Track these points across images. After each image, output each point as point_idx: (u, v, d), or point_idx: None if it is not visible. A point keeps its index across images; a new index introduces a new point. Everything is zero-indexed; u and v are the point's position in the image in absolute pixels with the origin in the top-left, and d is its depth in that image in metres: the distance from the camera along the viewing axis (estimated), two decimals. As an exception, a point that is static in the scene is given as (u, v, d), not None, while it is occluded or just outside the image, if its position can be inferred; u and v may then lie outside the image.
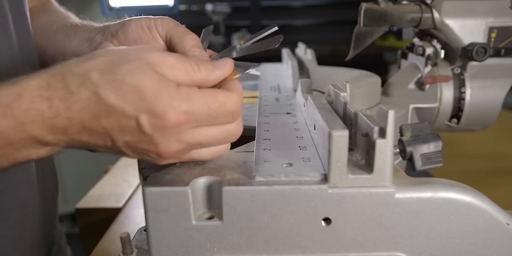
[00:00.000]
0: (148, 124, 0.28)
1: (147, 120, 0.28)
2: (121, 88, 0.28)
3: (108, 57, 0.29)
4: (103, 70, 0.28)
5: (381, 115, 0.29)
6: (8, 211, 0.42)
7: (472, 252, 0.31)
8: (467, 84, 0.61)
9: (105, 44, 0.42)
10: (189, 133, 0.30)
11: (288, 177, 0.30)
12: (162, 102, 0.28)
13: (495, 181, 1.05)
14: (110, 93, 0.28)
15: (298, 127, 0.41)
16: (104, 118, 0.28)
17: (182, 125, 0.29)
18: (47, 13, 0.51)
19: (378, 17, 0.59)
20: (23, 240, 0.45)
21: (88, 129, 0.28)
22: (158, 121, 0.28)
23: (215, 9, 2.56)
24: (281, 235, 0.30)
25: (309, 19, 2.76)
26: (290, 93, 0.57)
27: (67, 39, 0.45)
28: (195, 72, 0.31)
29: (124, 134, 0.29)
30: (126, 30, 0.41)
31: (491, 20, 0.58)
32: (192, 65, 0.31)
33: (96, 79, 0.28)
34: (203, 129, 0.30)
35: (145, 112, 0.28)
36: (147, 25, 0.40)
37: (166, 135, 0.29)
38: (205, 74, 0.31)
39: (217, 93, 0.30)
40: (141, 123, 0.28)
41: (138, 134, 0.29)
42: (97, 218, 0.75)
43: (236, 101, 0.31)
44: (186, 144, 0.30)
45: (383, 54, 2.65)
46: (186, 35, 0.39)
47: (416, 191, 0.30)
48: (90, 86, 0.28)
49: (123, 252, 0.34)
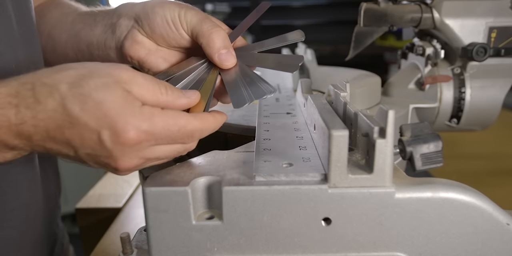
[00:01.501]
0: (109, 140, 0.29)
1: (108, 136, 0.29)
2: (87, 102, 0.28)
3: (79, 70, 0.30)
4: (72, 83, 0.29)
5: (381, 115, 0.29)
6: (11, 211, 0.42)
7: (472, 252, 0.31)
8: (467, 84, 0.61)
9: (134, 33, 0.42)
10: (148, 150, 0.31)
11: (288, 177, 0.30)
12: (124, 120, 0.29)
13: (495, 181, 1.05)
14: (75, 106, 0.28)
15: (298, 127, 0.41)
16: (67, 129, 0.29)
17: (141, 143, 0.30)
18: (58, 6, 0.51)
19: (378, 17, 0.59)
20: (26, 240, 0.44)
21: (52, 138, 0.29)
22: (118, 138, 0.29)
23: (215, 9, 2.56)
24: (281, 235, 0.30)
25: (309, 19, 2.76)
26: (290, 93, 0.57)
27: (88, 28, 0.45)
28: (161, 95, 0.31)
29: (85, 147, 0.29)
30: (152, 23, 0.41)
31: (491, 20, 0.58)
32: (161, 88, 0.32)
33: (64, 90, 0.29)
34: (162, 146, 0.31)
35: (107, 128, 0.29)
36: (172, 20, 0.40)
37: (125, 151, 0.29)
38: (171, 99, 0.32)
39: (179, 116, 0.31)
40: (102, 138, 0.29)
41: (99, 148, 0.29)
42: (97, 218, 0.75)
43: (196, 126, 0.32)
44: (144, 159, 0.31)
45: (383, 54, 2.65)
46: (212, 35, 0.39)
47: (416, 191, 0.30)
48: (57, 97, 0.28)
49: (123, 252, 0.34)
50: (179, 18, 0.40)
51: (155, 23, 0.40)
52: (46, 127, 0.29)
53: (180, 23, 0.40)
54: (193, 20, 0.40)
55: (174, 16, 0.40)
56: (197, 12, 0.40)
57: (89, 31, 0.45)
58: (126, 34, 0.42)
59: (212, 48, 0.39)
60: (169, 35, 0.41)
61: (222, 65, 0.39)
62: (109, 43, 0.44)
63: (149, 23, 0.40)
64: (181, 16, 0.40)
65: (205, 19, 0.40)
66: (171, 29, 0.40)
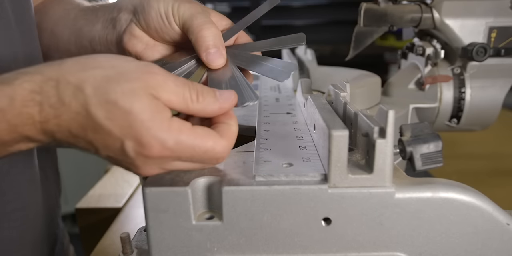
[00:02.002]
0: (132, 151, 0.28)
1: (131, 147, 0.28)
2: (112, 110, 0.27)
3: (106, 71, 0.29)
4: (98, 87, 0.28)
5: (381, 115, 0.29)
6: (11, 212, 0.42)
7: (472, 252, 0.31)
8: (467, 84, 0.61)
9: (132, 27, 0.41)
10: (170, 163, 0.30)
11: (288, 177, 0.30)
12: (150, 134, 0.28)
13: (495, 181, 1.05)
14: (100, 112, 0.27)
15: (298, 127, 0.41)
16: (91, 132, 0.28)
17: (164, 158, 0.29)
18: (61, 3, 0.50)
19: (378, 17, 0.59)
20: (26, 241, 0.44)
21: (75, 136, 0.29)
22: (142, 151, 0.28)
23: (215, 9, 2.55)
24: (281, 235, 0.30)
25: (309, 19, 2.76)
26: (290, 93, 0.57)
27: (90, 24, 0.45)
28: (192, 103, 0.30)
29: (107, 151, 0.29)
30: (147, 17, 0.40)
31: (491, 20, 0.58)
32: (192, 95, 0.30)
33: (88, 94, 0.27)
34: (185, 162, 0.31)
35: (131, 140, 0.28)
36: (166, 13, 0.39)
37: (147, 162, 0.29)
38: (203, 106, 0.31)
39: (208, 137, 0.30)
40: (125, 148, 0.28)
41: (121, 155, 0.29)
42: (97, 218, 0.75)
43: (224, 148, 0.30)
44: (166, 170, 0.31)
45: (383, 54, 2.65)
46: (201, 31, 0.38)
47: (416, 191, 0.30)
48: (82, 100, 0.27)
49: (123, 252, 0.34)
50: (172, 11, 0.39)
51: (150, 17, 0.39)
52: (69, 127, 0.28)
53: (172, 16, 0.39)
54: (185, 14, 0.39)
55: (168, 9, 0.39)
56: (191, 5, 0.39)
57: (91, 27, 0.45)
58: (125, 28, 0.42)
59: (200, 46, 0.38)
60: (162, 29, 0.40)
61: (210, 65, 0.38)
62: (111, 38, 0.43)
63: (145, 17, 0.40)
64: (174, 9, 0.39)
65: (198, 14, 0.38)
66: (164, 23, 0.39)
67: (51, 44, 0.49)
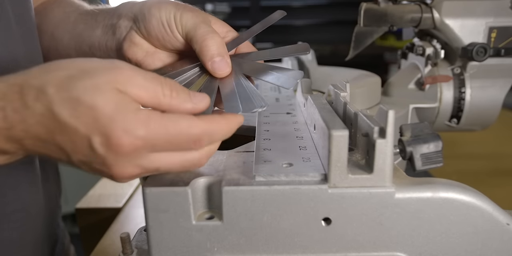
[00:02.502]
0: (101, 147, 0.27)
1: (99, 143, 0.27)
2: (75, 107, 0.26)
3: (69, 71, 0.28)
4: (60, 85, 0.27)
5: (381, 115, 0.29)
6: (11, 213, 0.42)
7: (472, 252, 0.31)
8: (467, 84, 0.61)
9: (132, 34, 0.41)
10: (146, 158, 0.28)
11: (288, 177, 0.30)
12: (116, 126, 0.26)
13: (495, 181, 1.05)
14: (64, 111, 0.26)
15: (298, 127, 0.41)
16: (58, 134, 0.27)
17: (137, 150, 0.27)
18: (61, 5, 0.50)
19: (378, 17, 0.59)
20: (26, 241, 0.44)
21: (43, 142, 0.28)
22: (111, 145, 0.27)
23: (215, 9, 2.56)
24: (281, 235, 0.30)
25: (309, 19, 2.76)
26: (290, 93, 0.57)
27: (89, 29, 0.45)
28: (164, 97, 0.29)
29: (78, 153, 0.28)
30: (148, 25, 0.39)
31: (491, 20, 0.58)
32: (164, 90, 0.29)
33: (51, 94, 0.26)
34: (162, 154, 0.28)
35: (98, 135, 0.26)
36: (168, 22, 0.39)
37: (120, 158, 0.27)
38: (177, 102, 0.29)
39: (181, 118, 0.28)
40: (94, 145, 0.27)
41: (91, 155, 0.27)
42: (97, 218, 0.75)
43: (203, 130, 0.28)
44: (142, 168, 0.28)
45: (383, 54, 2.65)
46: (205, 41, 0.37)
47: (416, 191, 0.30)
48: (44, 101, 0.27)
49: (123, 252, 0.34)
50: (174, 20, 0.39)
51: (151, 25, 0.39)
52: (36, 132, 0.27)
53: (175, 25, 0.39)
54: (188, 24, 0.38)
55: (170, 18, 0.39)
56: (194, 14, 0.39)
57: (90, 32, 0.44)
58: (125, 36, 0.41)
59: (205, 56, 0.37)
60: (164, 37, 0.40)
61: (215, 74, 0.38)
62: (110, 44, 0.43)
63: (145, 25, 0.40)
64: (176, 19, 0.39)
65: (201, 24, 0.38)
66: (166, 32, 0.39)
67: (51, 47, 0.48)
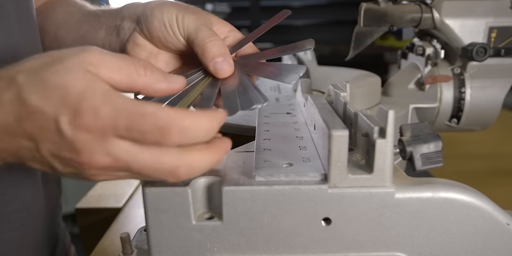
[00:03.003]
0: (68, 126, 0.26)
1: (66, 122, 0.26)
2: (44, 88, 0.26)
3: (42, 59, 0.27)
4: (30, 72, 0.27)
5: (381, 115, 0.29)
6: (11, 213, 0.42)
7: (472, 252, 0.31)
8: (467, 84, 0.61)
9: (135, 36, 0.41)
10: (113, 144, 0.26)
11: (288, 177, 0.30)
12: (84, 103, 0.25)
13: (495, 181, 1.05)
14: (32, 93, 0.26)
15: (298, 127, 0.41)
16: (26, 120, 0.26)
17: (102, 130, 0.26)
18: (63, 5, 0.50)
19: (378, 17, 0.59)
20: (27, 241, 0.44)
21: (11, 133, 0.27)
22: (76, 123, 0.26)
23: (215, 9, 2.56)
24: (281, 235, 0.30)
25: (309, 19, 2.76)
26: (290, 93, 0.57)
27: (93, 31, 0.45)
28: (139, 76, 0.28)
29: (46, 140, 0.26)
30: (150, 27, 0.40)
31: (491, 20, 0.58)
32: (138, 69, 0.28)
33: (21, 81, 0.26)
34: (130, 145, 0.26)
35: (65, 114, 0.26)
36: (170, 24, 0.39)
37: (87, 141, 0.26)
38: (151, 81, 0.29)
39: (150, 103, 0.27)
40: (60, 125, 0.26)
41: (59, 139, 0.26)
42: (97, 218, 0.75)
43: (168, 115, 0.26)
44: (112, 158, 0.27)
45: (383, 54, 2.65)
46: (206, 44, 0.37)
47: (416, 191, 0.30)
48: (14, 88, 0.26)
49: (123, 252, 0.34)
50: (176, 22, 0.39)
51: (153, 26, 0.39)
52: (4, 122, 0.26)
53: (177, 28, 0.39)
54: (190, 26, 0.38)
55: (172, 20, 0.39)
56: (196, 17, 0.39)
57: (94, 34, 0.44)
58: (128, 37, 0.42)
59: (206, 58, 0.37)
60: (166, 39, 0.40)
61: (217, 74, 0.38)
62: (114, 45, 0.44)
63: (148, 27, 0.40)
64: (178, 21, 0.39)
65: (202, 27, 0.38)
66: (168, 34, 0.39)
67: (53, 47, 0.48)
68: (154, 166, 0.27)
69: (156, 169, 0.27)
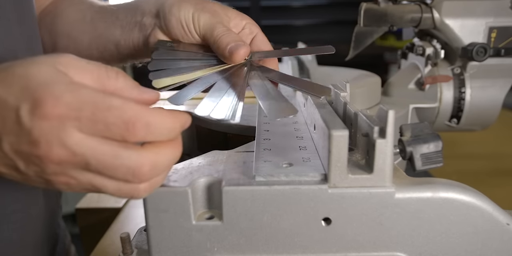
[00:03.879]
0: (27, 115, 0.24)
1: (26, 110, 0.25)
2: (8, 79, 0.25)
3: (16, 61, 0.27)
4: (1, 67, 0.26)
5: (381, 115, 0.29)
6: (11, 213, 0.42)
7: (472, 252, 0.31)
8: (467, 84, 0.61)
9: (156, 31, 0.42)
10: (71, 135, 0.25)
11: (288, 177, 0.30)
12: (46, 91, 0.25)
13: (495, 181, 1.05)
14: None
15: (298, 127, 0.41)
16: None
17: (62, 119, 0.24)
18: (73, 3, 0.50)
19: (378, 17, 0.59)
20: (26, 242, 0.44)
21: None
22: (35, 110, 0.24)
23: (215, 9, 2.55)
24: (281, 235, 0.30)
25: (309, 19, 2.76)
26: (290, 93, 0.57)
27: (112, 28, 0.45)
28: (109, 80, 0.27)
29: (7, 132, 0.25)
30: (168, 24, 0.40)
31: (491, 20, 0.58)
32: (109, 72, 0.27)
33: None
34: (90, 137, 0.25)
35: (27, 102, 0.25)
36: (186, 22, 0.39)
37: (46, 130, 0.25)
38: (121, 85, 0.28)
39: (115, 97, 0.26)
40: (20, 114, 0.25)
41: (19, 130, 0.25)
42: (97, 218, 0.75)
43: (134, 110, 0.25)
44: (69, 151, 0.25)
45: (383, 54, 2.65)
46: (220, 38, 0.38)
47: (416, 191, 0.30)
48: None
49: (123, 252, 0.34)
50: (192, 20, 0.39)
51: (171, 24, 0.40)
52: None
53: (193, 26, 0.39)
54: (206, 25, 0.39)
55: (188, 18, 0.39)
56: (212, 15, 0.39)
57: (113, 31, 0.45)
58: (150, 32, 0.42)
59: (221, 49, 0.37)
60: (183, 37, 0.40)
61: (233, 56, 0.37)
62: (137, 41, 0.44)
63: (166, 24, 0.40)
64: (194, 19, 0.39)
65: (217, 25, 0.39)
66: (185, 32, 0.40)
67: (70, 48, 0.48)
68: (114, 163, 0.25)
69: (116, 167, 0.25)
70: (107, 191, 0.27)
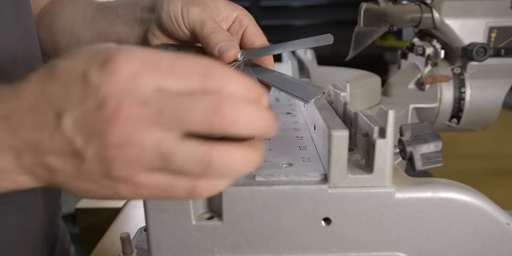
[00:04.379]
0: (96, 73, 0.22)
1: (96, 70, 0.22)
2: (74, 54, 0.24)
3: None
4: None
5: (381, 115, 0.29)
6: (9, 214, 0.41)
7: (472, 252, 0.31)
8: (467, 84, 0.61)
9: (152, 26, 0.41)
10: (146, 87, 0.22)
11: (288, 177, 0.30)
12: (117, 49, 0.23)
13: (495, 181, 1.05)
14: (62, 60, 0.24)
15: (298, 127, 0.41)
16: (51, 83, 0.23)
17: (134, 72, 0.22)
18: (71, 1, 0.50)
19: (378, 17, 0.59)
20: (25, 242, 0.44)
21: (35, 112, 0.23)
22: (105, 66, 0.22)
23: (215, 9, 2.55)
24: (281, 235, 0.30)
25: (309, 19, 2.76)
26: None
27: (113, 25, 0.45)
28: None
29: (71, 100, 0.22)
30: (160, 19, 0.40)
31: (491, 20, 0.58)
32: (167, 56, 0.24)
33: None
34: (169, 93, 0.22)
35: (96, 64, 0.22)
36: (175, 16, 0.39)
37: (115, 85, 0.22)
38: None
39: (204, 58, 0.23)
40: (88, 74, 0.22)
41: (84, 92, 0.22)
42: (97, 218, 0.75)
43: (210, 61, 0.23)
44: (146, 104, 0.22)
45: (383, 54, 2.64)
46: (210, 35, 0.37)
47: (416, 191, 0.30)
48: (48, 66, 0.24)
49: (123, 252, 0.34)
50: (181, 14, 0.39)
51: (162, 19, 0.40)
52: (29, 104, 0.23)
53: (182, 20, 0.39)
54: (195, 20, 0.38)
55: (177, 12, 0.39)
56: (201, 8, 0.39)
57: (115, 27, 0.45)
58: (148, 27, 0.42)
59: (211, 47, 0.37)
60: (173, 32, 0.40)
61: (222, 56, 0.36)
62: (139, 36, 0.44)
63: (158, 19, 0.40)
64: (183, 13, 0.39)
65: (207, 20, 0.38)
66: (174, 26, 0.40)
67: (71, 45, 0.48)
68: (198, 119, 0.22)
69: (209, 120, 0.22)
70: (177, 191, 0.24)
